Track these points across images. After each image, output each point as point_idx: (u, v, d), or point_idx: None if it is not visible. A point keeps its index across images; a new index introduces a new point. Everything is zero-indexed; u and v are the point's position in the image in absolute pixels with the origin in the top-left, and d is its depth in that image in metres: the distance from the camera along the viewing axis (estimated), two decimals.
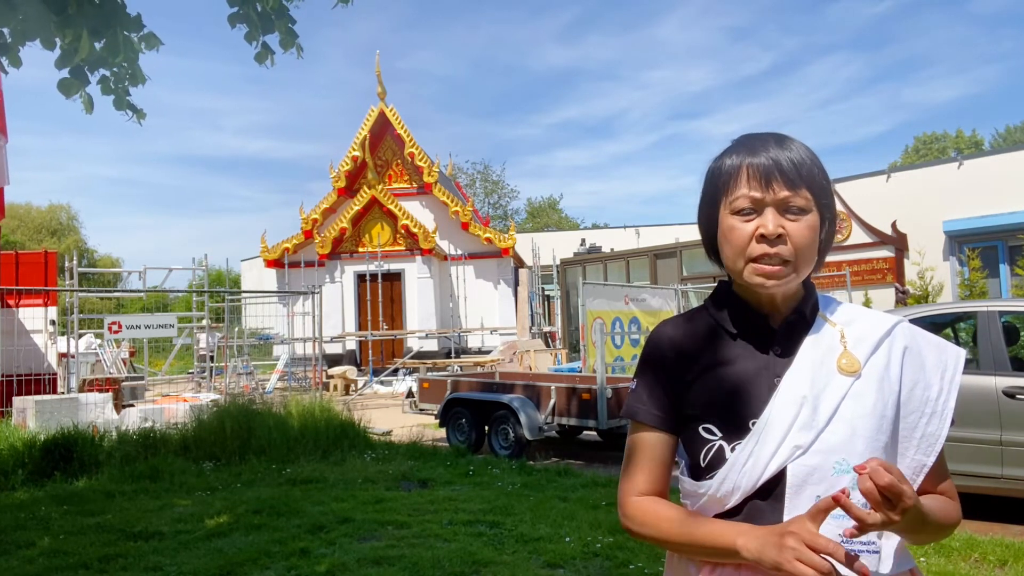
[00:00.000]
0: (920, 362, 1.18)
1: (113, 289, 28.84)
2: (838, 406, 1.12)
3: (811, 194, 1.14)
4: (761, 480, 1.12)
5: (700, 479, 1.19)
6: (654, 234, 27.33)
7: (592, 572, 4.10)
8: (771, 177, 1.13)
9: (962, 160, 15.29)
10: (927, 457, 1.16)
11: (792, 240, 1.12)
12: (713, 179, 1.21)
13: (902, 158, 46.97)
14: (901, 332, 1.20)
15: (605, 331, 9.17)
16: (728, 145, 1.23)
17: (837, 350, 1.17)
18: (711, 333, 1.24)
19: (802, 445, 1.10)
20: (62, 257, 16.10)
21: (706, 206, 1.23)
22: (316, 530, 4.95)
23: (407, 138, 20.19)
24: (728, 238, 1.17)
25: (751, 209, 1.14)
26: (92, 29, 3.64)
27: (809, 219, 1.13)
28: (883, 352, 1.17)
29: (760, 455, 1.11)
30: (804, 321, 1.20)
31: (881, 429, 1.12)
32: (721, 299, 1.27)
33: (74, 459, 6.79)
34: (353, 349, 19.94)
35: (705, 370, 1.21)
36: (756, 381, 1.17)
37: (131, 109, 4.45)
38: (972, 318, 5.55)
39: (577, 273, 19.15)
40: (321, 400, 8.90)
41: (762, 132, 1.21)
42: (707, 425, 1.18)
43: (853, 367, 1.15)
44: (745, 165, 1.15)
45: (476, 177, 47.42)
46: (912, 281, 14.40)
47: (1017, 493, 4.89)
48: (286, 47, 4.41)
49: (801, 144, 1.18)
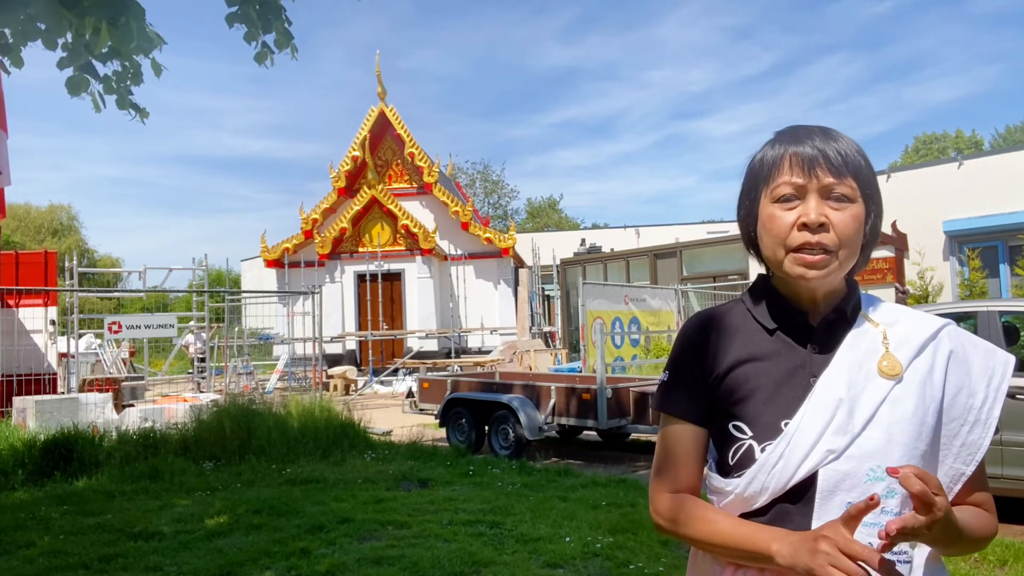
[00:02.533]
0: (966, 368, 1.12)
1: (113, 289, 28.88)
2: (876, 411, 1.07)
3: (857, 184, 1.09)
4: (791, 483, 1.08)
5: (728, 476, 1.15)
6: (654, 234, 27.34)
7: (592, 572, 4.10)
8: (815, 164, 1.09)
9: (962, 160, 15.29)
10: (966, 467, 1.11)
11: (836, 229, 1.07)
12: (754, 170, 1.17)
13: (902, 158, 46.99)
14: (948, 335, 1.14)
15: (605, 331, 9.17)
16: (770, 138, 1.19)
17: (878, 351, 1.12)
18: (746, 327, 1.20)
19: (835, 450, 1.06)
20: (62, 257, 16.10)
21: (745, 197, 1.19)
22: (316, 530, 4.95)
23: (407, 138, 20.19)
24: (768, 227, 1.12)
25: (793, 195, 1.10)
26: (110, 19, 3.65)
27: (854, 209, 1.09)
28: (927, 355, 1.12)
29: (791, 458, 1.08)
30: (845, 320, 1.15)
31: (920, 436, 1.07)
32: (758, 292, 1.22)
33: (74, 459, 6.79)
34: (353, 349, 19.94)
35: (738, 365, 1.16)
36: (791, 380, 1.13)
37: (134, 108, 4.46)
38: (972, 318, 5.55)
39: (577, 273, 19.16)
40: (321, 400, 8.91)
41: (807, 124, 1.17)
42: (737, 422, 1.14)
43: (895, 370, 1.10)
44: (789, 153, 1.11)
45: (476, 177, 47.46)
46: (912, 281, 14.39)
47: (1017, 493, 4.90)
48: (281, 47, 4.42)
49: (848, 137, 1.13)
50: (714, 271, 18.53)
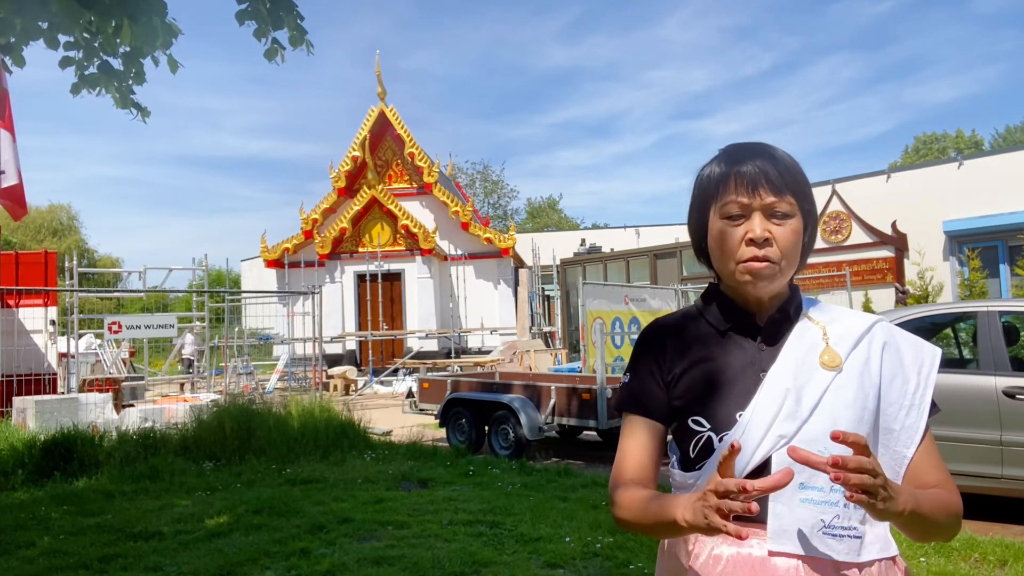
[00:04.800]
0: (899, 358, 1.24)
1: (113, 289, 28.86)
2: (820, 398, 1.17)
3: (795, 199, 1.20)
4: (748, 469, 1.16)
5: (690, 470, 1.25)
6: (654, 234, 27.33)
7: (592, 572, 4.09)
8: (758, 184, 1.19)
9: (962, 160, 15.29)
10: (907, 448, 1.21)
11: (778, 243, 1.19)
12: (702, 186, 1.28)
13: (902, 158, 46.99)
14: (880, 329, 1.26)
15: (605, 331, 9.17)
16: (715, 155, 1.29)
17: (820, 346, 1.23)
18: (701, 330, 1.30)
19: (786, 435, 1.15)
20: (62, 257, 16.11)
21: (696, 212, 1.30)
22: (316, 530, 4.95)
23: (407, 138, 20.19)
24: (718, 242, 1.23)
25: (740, 215, 1.20)
26: (132, 16, 3.65)
27: (793, 223, 1.20)
28: (863, 348, 1.23)
29: (747, 445, 1.16)
30: (788, 319, 1.26)
31: (862, 420, 1.18)
32: (710, 298, 1.33)
33: (74, 459, 6.79)
34: (353, 349, 19.94)
35: (694, 364, 1.26)
36: (743, 375, 1.23)
37: (136, 108, 4.46)
38: (972, 318, 5.55)
39: (577, 273, 19.15)
40: (321, 400, 8.90)
41: (747, 142, 1.28)
42: (696, 417, 1.23)
43: (835, 362, 1.21)
44: (733, 173, 1.21)
45: (476, 177, 47.48)
46: (912, 281, 14.39)
47: (1017, 493, 4.89)
48: (295, 44, 4.39)
49: (784, 152, 1.25)
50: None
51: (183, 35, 4.09)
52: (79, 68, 4.14)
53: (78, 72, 4.15)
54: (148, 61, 4.28)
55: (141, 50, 4.04)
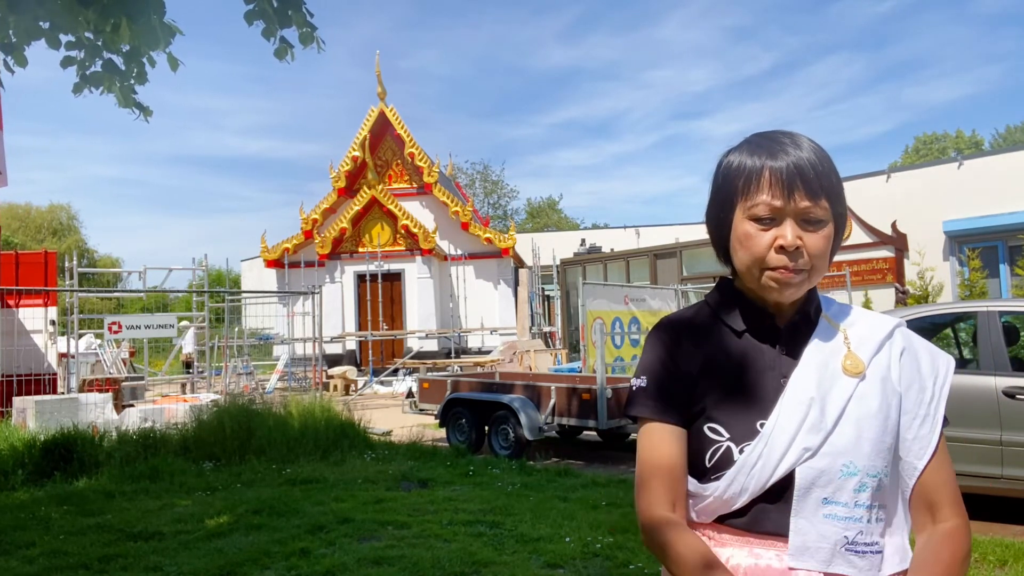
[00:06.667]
0: (916, 365, 1.18)
1: (113, 289, 28.86)
2: (845, 407, 1.12)
3: (828, 203, 1.12)
4: (770, 483, 1.10)
5: (704, 480, 1.16)
6: (654, 234, 27.31)
7: (592, 572, 4.09)
8: (793, 186, 1.10)
9: (962, 160, 15.30)
10: (919, 460, 1.15)
11: (809, 251, 1.11)
12: (729, 179, 1.17)
13: (902, 158, 46.98)
14: (900, 335, 1.20)
15: (605, 331, 9.17)
16: (740, 142, 1.20)
17: (841, 351, 1.17)
18: (716, 329, 1.23)
19: (811, 447, 1.10)
20: (62, 257, 16.10)
21: (717, 207, 1.20)
22: (316, 530, 4.95)
23: (407, 138, 20.19)
24: (745, 245, 1.14)
25: (770, 218, 1.12)
26: (130, 15, 3.65)
27: (826, 230, 1.13)
28: (885, 353, 1.17)
29: (770, 457, 1.10)
30: (808, 321, 1.20)
31: (886, 430, 1.12)
32: (725, 296, 1.25)
33: (74, 459, 6.79)
34: (353, 349, 19.94)
35: (711, 366, 1.19)
36: (762, 381, 1.16)
37: (137, 107, 4.45)
38: (972, 318, 5.55)
39: (577, 273, 19.14)
40: (321, 400, 8.90)
41: (778, 131, 1.18)
42: (713, 424, 1.16)
43: (858, 368, 1.15)
44: (767, 170, 1.12)
45: (476, 177, 47.46)
46: (912, 281, 14.39)
47: (1017, 493, 4.89)
48: (306, 42, 4.38)
49: (817, 145, 1.15)
50: (714, 271, 18.50)
51: (183, 35, 4.09)
52: (81, 68, 4.14)
53: (80, 72, 4.16)
54: (148, 61, 4.29)
55: (140, 49, 4.05)
